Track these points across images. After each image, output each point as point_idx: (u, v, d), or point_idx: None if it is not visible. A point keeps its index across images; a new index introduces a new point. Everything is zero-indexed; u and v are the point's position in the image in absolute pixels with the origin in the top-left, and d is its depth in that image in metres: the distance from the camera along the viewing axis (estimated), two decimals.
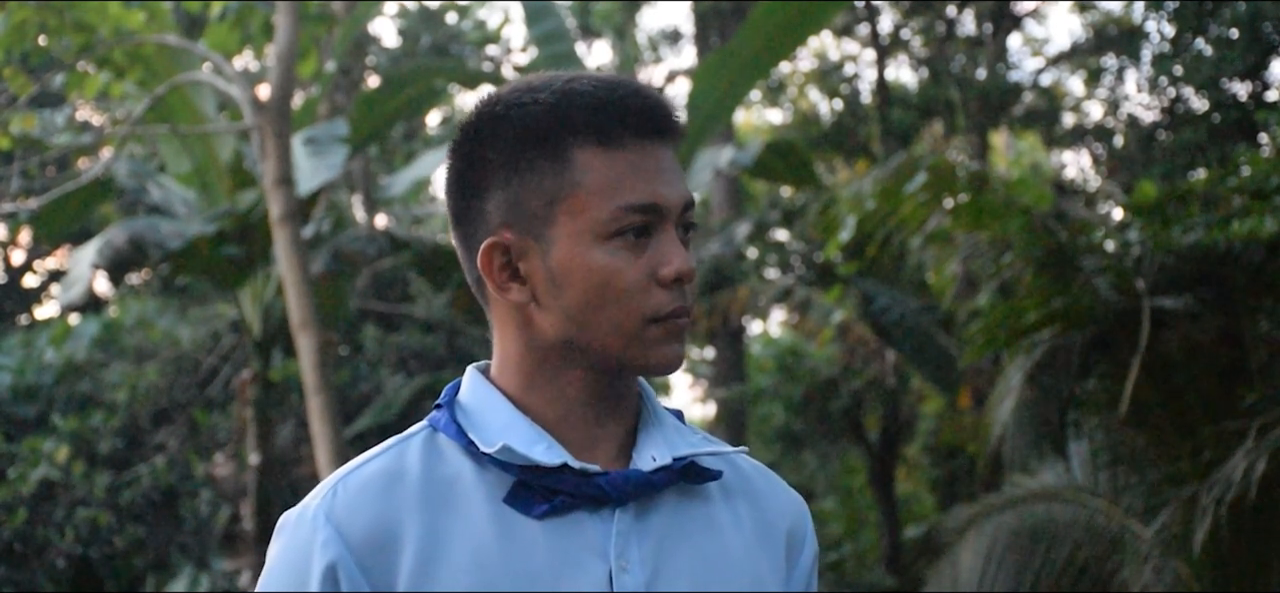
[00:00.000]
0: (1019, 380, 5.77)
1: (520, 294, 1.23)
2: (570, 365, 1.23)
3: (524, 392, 1.24)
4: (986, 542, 5.91)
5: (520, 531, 1.18)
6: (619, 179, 1.20)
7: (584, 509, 1.20)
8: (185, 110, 8.33)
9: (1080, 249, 5.54)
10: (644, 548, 1.20)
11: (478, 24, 15.47)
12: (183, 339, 11.38)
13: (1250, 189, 5.16)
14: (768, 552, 1.29)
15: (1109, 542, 5.58)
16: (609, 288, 1.19)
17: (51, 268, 14.70)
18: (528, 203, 1.21)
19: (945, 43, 13.66)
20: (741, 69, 8.76)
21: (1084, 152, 14.76)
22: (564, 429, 1.23)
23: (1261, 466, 4.59)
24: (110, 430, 10.41)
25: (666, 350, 1.22)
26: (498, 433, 1.21)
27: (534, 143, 1.21)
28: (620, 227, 1.19)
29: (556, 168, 1.21)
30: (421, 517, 1.18)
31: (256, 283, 8.76)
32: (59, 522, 9.94)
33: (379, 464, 1.22)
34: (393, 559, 1.17)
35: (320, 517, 1.19)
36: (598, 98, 1.22)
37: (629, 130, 1.22)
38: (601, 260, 1.19)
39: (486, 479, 1.21)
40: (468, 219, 1.26)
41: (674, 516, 1.23)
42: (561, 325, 1.21)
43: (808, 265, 11.56)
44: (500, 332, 1.27)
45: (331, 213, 10.01)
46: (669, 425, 1.28)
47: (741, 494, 1.30)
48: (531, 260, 1.22)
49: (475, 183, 1.25)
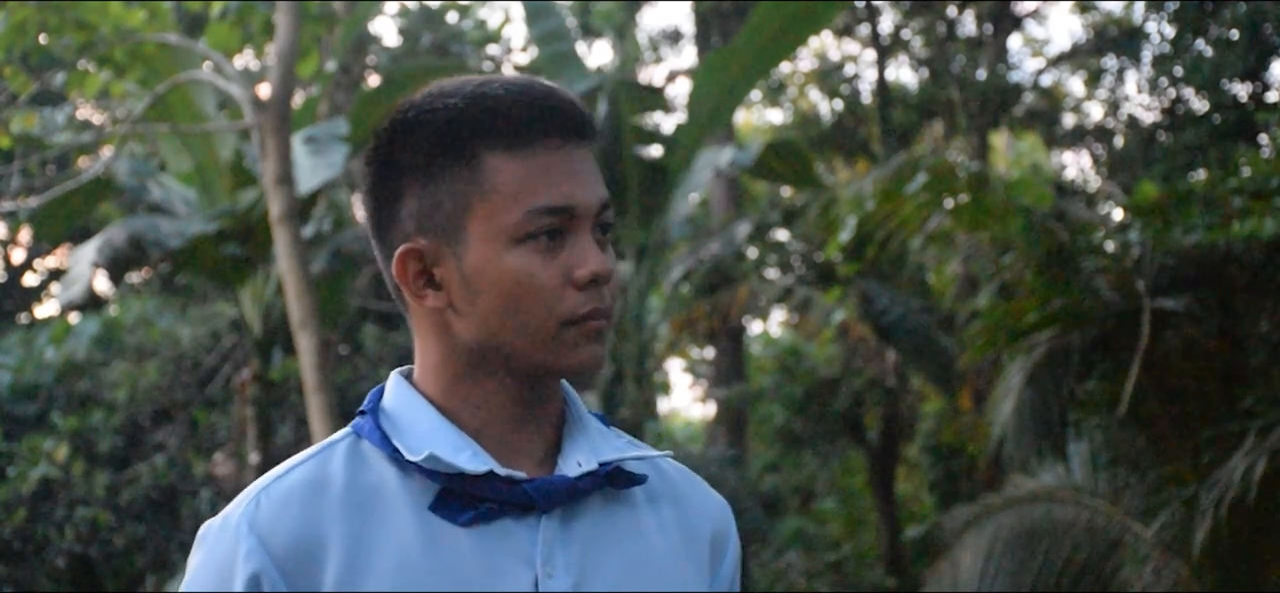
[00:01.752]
0: (1019, 381, 5.77)
1: (436, 300, 1.22)
2: (490, 371, 1.22)
3: (447, 398, 1.24)
4: (986, 542, 5.91)
5: (446, 538, 1.18)
6: (530, 182, 1.19)
7: (510, 516, 1.19)
8: (185, 109, 8.33)
9: (1080, 250, 5.54)
10: (569, 554, 1.20)
11: (478, 23, 15.46)
12: (183, 338, 11.38)
13: (1250, 190, 5.16)
14: (692, 556, 1.29)
15: (1109, 542, 5.59)
16: (523, 292, 1.19)
17: (51, 267, 14.70)
18: (440, 209, 1.21)
19: (945, 43, 13.67)
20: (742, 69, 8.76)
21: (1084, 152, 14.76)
22: (488, 435, 1.23)
23: (1261, 466, 4.59)
24: (110, 430, 10.42)
25: (584, 353, 1.21)
26: (422, 440, 1.20)
27: (445, 148, 1.21)
28: (532, 229, 1.19)
29: (467, 173, 1.20)
30: (345, 526, 1.17)
31: (256, 282, 8.76)
32: (59, 521, 9.94)
33: (302, 473, 1.21)
34: (316, 570, 1.16)
35: (243, 526, 1.17)
36: (507, 101, 1.21)
37: (540, 133, 1.21)
38: (514, 264, 1.19)
39: (411, 487, 1.20)
40: (383, 227, 1.25)
41: (599, 521, 1.23)
42: (478, 331, 1.21)
43: (808, 265, 11.56)
44: (421, 339, 1.26)
45: (331, 212, 10.01)
46: (593, 430, 1.28)
47: (666, 499, 1.30)
48: (446, 266, 1.21)
49: (389, 190, 1.24)
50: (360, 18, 9.20)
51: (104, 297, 12.94)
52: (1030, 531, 5.83)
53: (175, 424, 10.77)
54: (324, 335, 6.53)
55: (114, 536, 10.07)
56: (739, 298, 10.34)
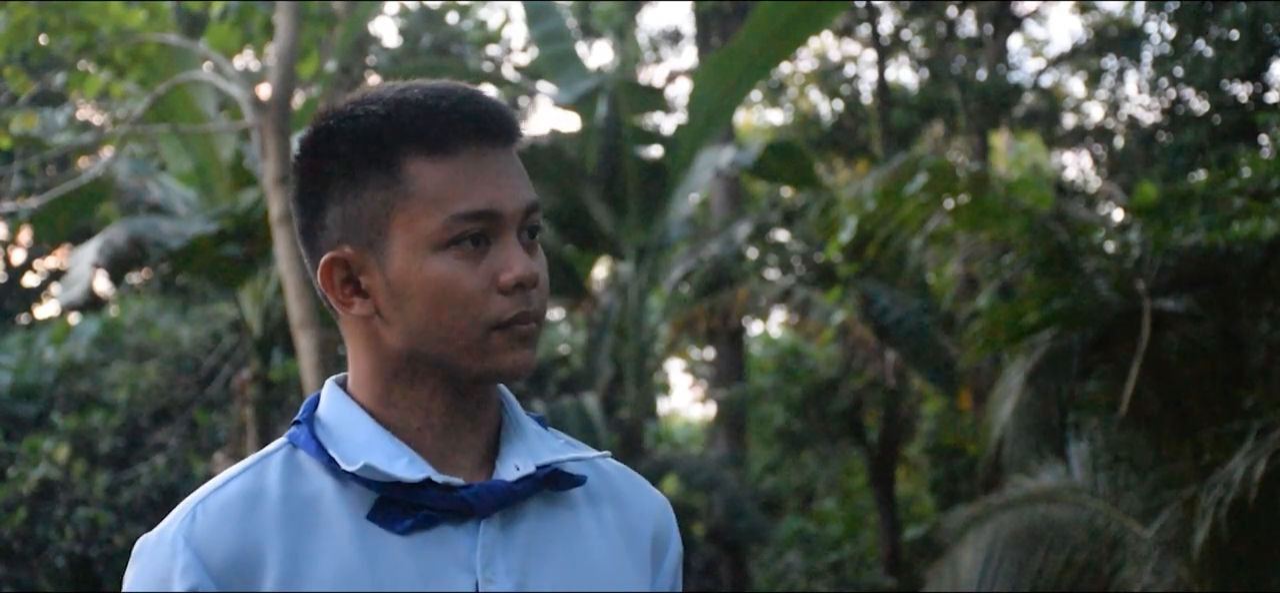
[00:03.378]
0: (1019, 381, 5.77)
1: (363, 308, 1.22)
2: (421, 377, 1.22)
3: (381, 405, 1.23)
4: (986, 543, 5.91)
5: (384, 547, 1.17)
6: (451, 187, 1.19)
7: (448, 523, 1.19)
8: (186, 110, 8.33)
9: (1081, 250, 5.54)
10: (510, 559, 1.20)
11: (479, 24, 15.47)
12: (183, 339, 11.38)
13: (1251, 191, 5.16)
14: (633, 555, 1.28)
15: (1109, 543, 5.58)
16: (447, 297, 1.18)
17: (51, 267, 14.70)
18: (363, 216, 1.20)
19: (946, 43, 13.67)
20: (742, 69, 8.77)
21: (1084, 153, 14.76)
22: (424, 442, 1.22)
23: (1261, 467, 4.59)
24: (110, 430, 10.42)
25: (513, 357, 1.20)
26: (359, 450, 1.19)
27: (366, 155, 1.20)
28: (454, 235, 1.18)
29: (388, 179, 1.19)
30: (282, 538, 1.16)
31: (256, 282, 8.76)
32: (59, 521, 9.94)
33: (238, 485, 1.20)
34: (254, 583, 1.15)
35: (179, 541, 1.16)
36: (427, 105, 1.20)
37: (460, 137, 1.20)
38: (438, 270, 1.18)
39: (348, 496, 1.19)
40: (310, 235, 1.24)
41: (539, 524, 1.23)
42: (406, 338, 1.20)
43: (808, 266, 11.56)
44: (352, 346, 1.25)
45: None
46: (531, 433, 1.28)
47: (606, 499, 1.30)
48: (371, 274, 1.20)
49: (314, 198, 1.23)
50: (360, 18, 9.20)
51: (104, 297, 12.94)
52: (1030, 531, 5.83)
53: (175, 425, 10.77)
54: (324, 336, 6.53)
55: (114, 536, 10.07)
56: (739, 298, 10.34)
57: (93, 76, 7.33)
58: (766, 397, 12.54)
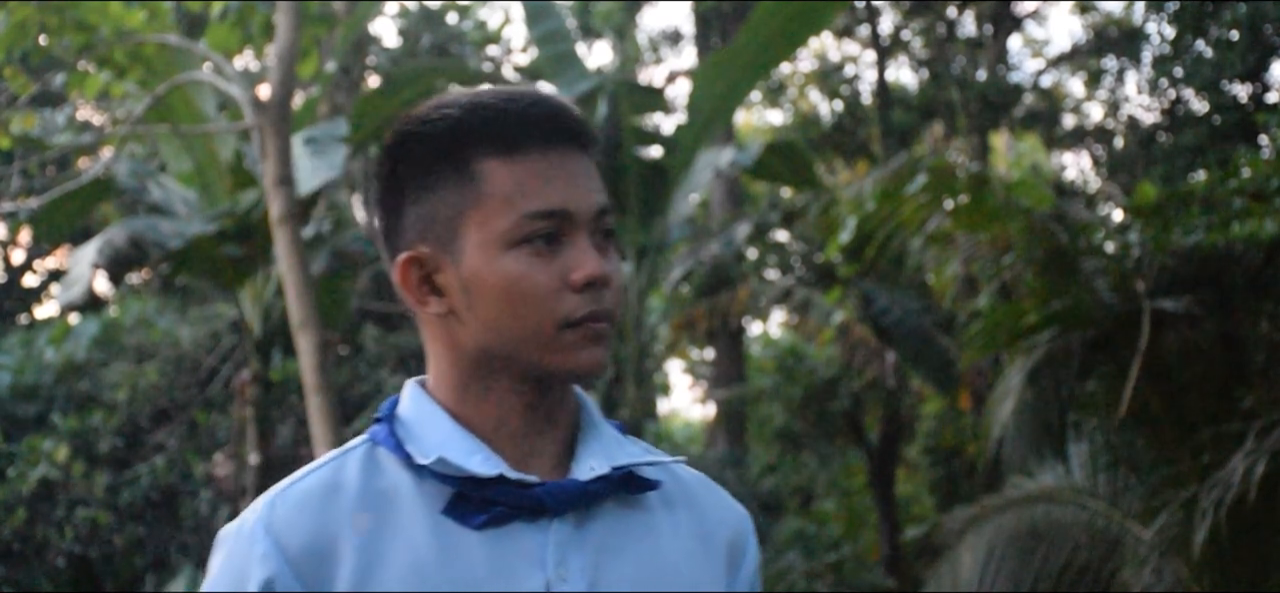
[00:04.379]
0: (1019, 382, 5.77)
1: (439, 307, 1.24)
2: (496, 376, 1.24)
3: (458, 403, 1.25)
4: (986, 543, 5.91)
5: (459, 542, 1.19)
6: (523, 187, 1.21)
7: (522, 520, 1.20)
8: (185, 110, 8.33)
9: (1080, 251, 5.54)
10: (583, 557, 1.21)
11: (478, 24, 15.47)
12: (183, 339, 11.38)
13: (1250, 191, 5.16)
14: (708, 559, 1.29)
15: (1109, 543, 5.58)
16: (519, 295, 1.20)
17: (51, 268, 14.70)
18: (438, 216, 1.23)
19: (946, 44, 13.67)
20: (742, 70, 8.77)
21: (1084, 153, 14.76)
22: (500, 440, 1.24)
23: (1261, 467, 4.59)
24: (110, 430, 10.42)
25: (584, 355, 1.22)
26: (435, 445, 1.22)
27: (441, 157, 1.24)
28: (526, 234, 1.21)
29: (462, 180, 1.22)
30: (359, 530, 1.19)
31: (256, 283, 8.76)
32: (58, 521, 9.94)
33: (317, 478, 1.23)
34: (330, 572, 1.17)
35: (258, 530, 1.19)
36: (500, 108, 1.23)
37: (532, 138, 1.23)
38: (509, 268, 1.21)
39: (425, 491, 1.21)
40: (389, 237, 1.28)
41: (613, 525, 1.24)
42: (480, 336, 1.22)
43: (808, 266, 11.57)
44: (430, 345, 1.28)
45: (331, 213, 10.02)
46: (608, 437, 1.29)
47: (682, 504, 1.31)
48: (446, 273, 1.23)
49: (392, 201, 1.27)
50: (360, 18, 9.21)
51: (104, 297, 12.95)
52: (1030, 532, 5.83)
53: (175, 425, 10.77)
54: (324, 336, 6.53)
55: (114, 536, 10.07)
56: (739, 299, 10.34)
57: (93, 77, 7.33)
58: (766, 397, 12.54)
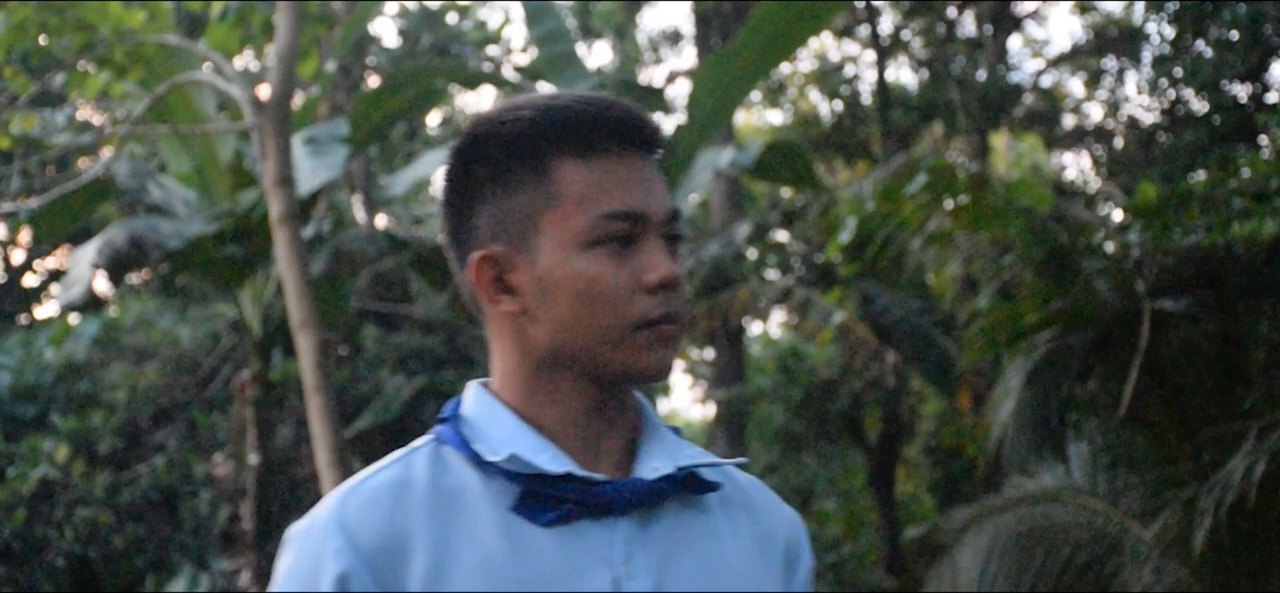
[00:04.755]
0: (1019, 382, 5.77)
1: (511, 305, 1.26)
2: (565, 374, 1.25)
3: (525, 403, 1.27)
4: (986, 543, 5.91)
5: (528, 539, 1.20)
6: (599, 188, 1.23)
7: (589, 518, 1.22)
8: (185, 110, 8.33)
9: (1080, 251, 5.54)
10: (648, 556, 1.22)
11: (478, 24, 15.47)
12: (183, 339, 11.38)
13: (1250, 191, 5.16)
14: (766, 561, 1.31)
15: (1109, 543, 5.58)
16: (594, 294, 1.22)
17: (51, 268, 14.70)
18: (513, 215, 1.25)
19: (945, 44, 13.67)
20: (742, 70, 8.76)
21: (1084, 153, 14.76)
22: (566, 439, 1.25)
23: (1261, 467, 4.59)
24: (110, 430, 10.42)
25: (655, 356, 1.24)
26: (503, 443, 1.23)
27: (517, 157, 1.25)
28: (602, 234, 1.22)
29: (538, 180, 1.24)
30: (431, 526, 1.20)
31: (256, 283, 8.76)
32: (58, 521, 9.95)
33: (386, 475, 1.24)
34: (403, 567, 1.18)
35: (331, 526, 1.20)
36: (577, 111, 1.25)
37: (608, 141, 1.25)
38: (585, 268, 1.22)
39: (493, 489, 1.22)
40: (460, 236, 1.29)
41: (676, 525, 1.26)
42: (552, 334, 1.24)
43: (808, 266, 11.56)
44: (497, 344, 1.29)
45: (331, 213, 10.02)
46: (667, 438, 1.30)
47: (739, 506, 1.33)
48: (520, 272, 1.25)
49: (465, 200, 1.28)
50: (360, 19, 9.20)
51: (104, 297, 12.94)
52: (1030, 532, 5.83)
53: (175, 425, 10.77)
54: (324, 336, 6.53)
55: (114, 536, 10.07)
56: (739, 299, 10.34)
57: (93, 77, 7.32)
58: (766, 397, 12.54)
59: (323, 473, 6.43)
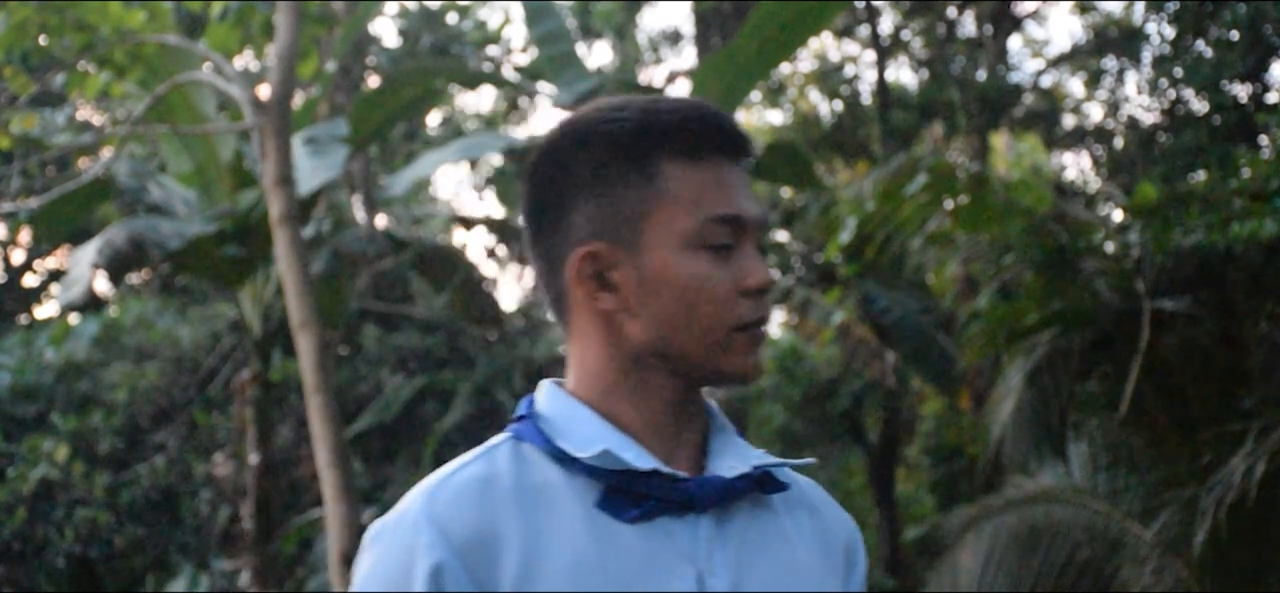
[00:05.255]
0: (1019, 382, 5.77)
1: (610, 302, 1.27)
2: (656, 373, 1.27)
3: (605, 400, 1.28)
4: (986, 543, 5.91)
5: (614, 535, 1.21)
6: (705, 192, 1.26)
7: (669, 515, 1.23)
8: (185, 110, 8.33)
9: (1080, 251, 5.54)
10: (726, 554, 1.24)
11: (478, 24, 15.47)
12: (183, 339, 11.38)
13: (1250, 191, 5.16)
14: (829, 564, 1.34)
15: (1109, 543, 5.58)
16: (700, 295, 1.24)
17: (51, 268, 14.70)
18: (618, 214, 1.26)
19: (946, 44, 13.67)
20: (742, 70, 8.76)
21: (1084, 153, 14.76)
22: (648, 436, 1.27)
23: (1261, 467, 4.59)
24: (110, 430, 10.42)
25: (748, 359, 1.27)
26: (589, 440, 1.24)
27: (623, 157, 1.27)
28: (708, 237, 1.25)
29: (645, 181, 1.26)
30: (520, 521, 1.21)
31: (256, 283, 8.76)
32: (58, 521, 9.95)
33: (472, 471, 1.25)
34: (495, 561, 1.19)
35: (421, 520, 1.21)
36: (682, 116, 1.27)
37: (710, 147, 1.28)
38: (692, 268, 1.24)
39: (576, 486, 1.24)
40: (552, 233, 1.30)
41: (749, 524, 1.28)
42: (650, 332, 1.26)
43: (808, 266, 11.56)
44: (583, 341, 1.30)
45: (331, 213, 10.02)
46: (736, 438, 1.33)
47: (802, 507, 1.35)
48: (622, 269, 1.26)
49: (560, 198, 1.29)
50: (360, 19, 9.20)
51: (104, 298, 12.95)
52: (1030, 531, 5.83)
53: (175, 425, 10.77)
54: (324, 336, 6.53)
55: (114, 536, 10.07)
56: None
57: (93, 77, 7.33)
58: (766, 397, 12.54)
59: (323, 473, 6.43)
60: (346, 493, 6.36)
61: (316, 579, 9.18)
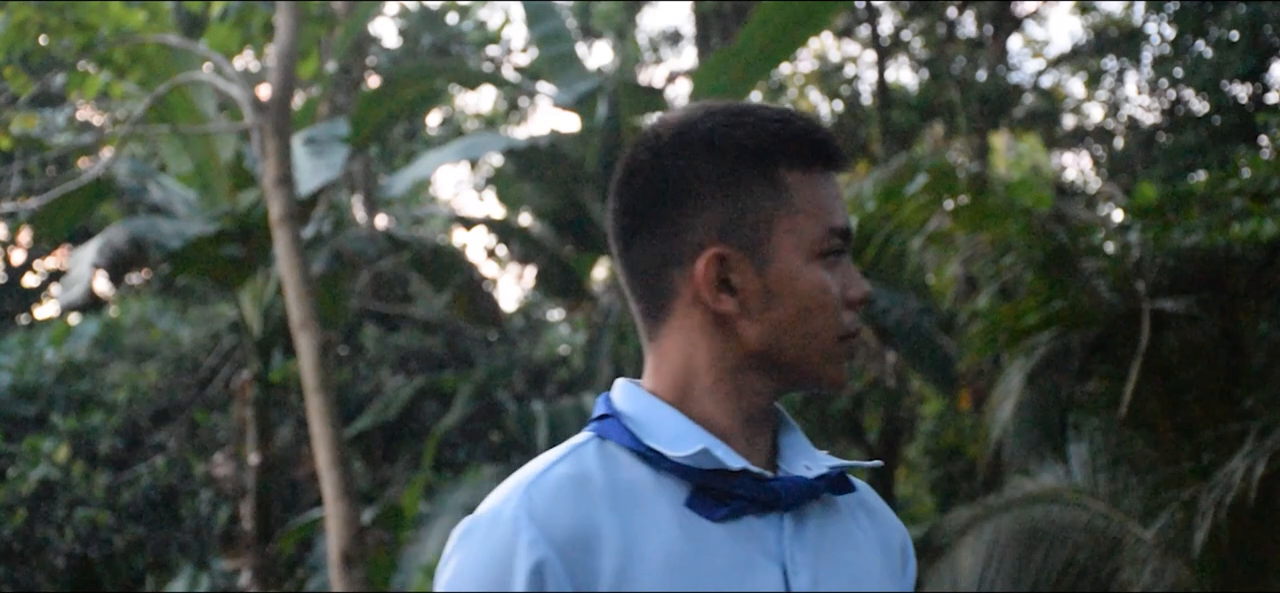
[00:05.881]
0: (1019, 382, 5.77)
1: (730, 305, 1.27)
2: (758, 376, 1.29)
3: (696, 401, 1.29)
4: (986, 544, 5.91)
5: (704, 533, 1.22)
6: (825, 203, 1.29)
7: (753, 514, 1.25)
8: (185, 110, 8.33)
9: (1080, 251, 5.54)
10: (804, 554, 1.26)
11: (478, 24, 15.47)
12: (183, 339, 11.38)
13: (1250, 191, 5.16)
14: (888, 566, 1.36)
15: (1109, 544, 5.58)
16: (820, 304, 1.27)
17: (51, 268, 14.70)
18: (746, 219, 1.27)
19: (946, 44, 13.67)
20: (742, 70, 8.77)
21: (1084, 153, 14.76)
22: (732, 437, 1.28)
23: (1261, 468, 4.59)
24: (110, 431, 10.42)
25: (843, 369, 1.31)
26: (679, 439, 1.25)
27: (750, 164, 1.28)
28: (827, 248, 1.28)
29: (770, 189, 1.28)
30: (615, 520, 1.21)
31: (256, 283, 8.76)
32: (58, 522, 9.95)
33: (564, 468, 1.24)
34: (594, 560, 1.19)
35: (521, 517, 1.19)
36: (801, 128, 1.30)
37: (822, 159, 1.31)
38: (816, 277, 1.27)
39: (665, 485, 1.24)
40: (666, 232, 1.29)
41: (822, 525, 1.30)
42: (765, 337, 1.27)
43: None
44: (684, 341, 1.30)
45: (331, 213, 10.02)
46: (803, 438, 1.35)
47: (861, 510, 1.37)
48: (744, 274, 1.27)
49: (679, 199, 1.29)
50: (360, 19, 9.21)
51: (104, 298, 12.94)
52: (1030, 532, 5.83)
53: (175, 425, 10.77)
54: (324, 336, 6.53)
55: (114, 536, 10.07)
56: None
57: (93, 77, 7.33)
58: None
59: (323, 473, 6.43)
60: (346, 493, 6.37)
61: (316, 579, 9.18)
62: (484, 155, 13.12)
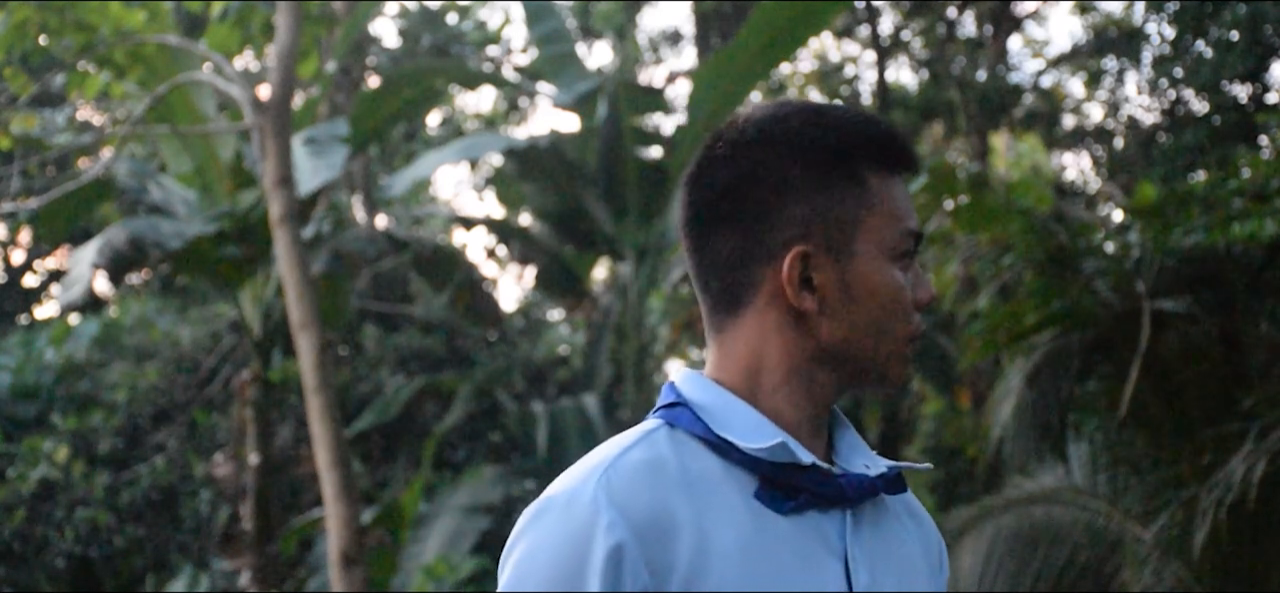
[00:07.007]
0: (1019, 382, 5.77)
1: (811, 302, 1.28)
2: (829, 373, 1.31)
3: (765, 394, 1.30)
4: (986, 544, 5.91)
5: (772, 524, 1.23)
6: (902, 205, 1.31)
7: (816, 508, 1.26)
8: (185, 110, 8.34)
9: (1080, 251, 5.54)
10: (862, 550, 1.28)
11: (478, 25, 15.47)
12: (183, 339, 11.38)
13: (1250, 192, 5.16)
14: (930, 567, 1.38)
15: (1109, 544, 5.58)
16: (896, 304, 1.29)
17: (51, 268, 14.70)
18: (831, 218, 1.28)
19: (946, 44, 13.67)
20: (742, 70, 8.77)
21: (1084, 153, 14.77)
22: (799, 432, 1.29)
23: (1261, 468, 4.59)
24: (110, 430, 10.42)
25: (907, 369, 1.33)
26: (752, 431, 1.25)
27: (835, 164, 1.29)
28: (903, 249, 1.30)
29: (855, 189, 1.29)
30: (690, 505, 1.21)
31: (256, 283, 8.76)
32: (58, 521, 9.95)
33: (639, 453, 1.24)
34: (671, 546, 1.18)
35: (601, 499, 1.18)
36: (882, 129, 1.32)
37: (901, 163, 1.33)
38: (894, 278, 1.29)
39: (734, 476, 1.25)
40: (749, 227, 1.30)
41: (876, 523, 1.31)
42: (843, 334, 1.29)
43: None
44: (754, 334, 1.30)
45: (331, 213, 10.02)
46: (855, 435, 1.37)
47: (905, 511, 1.39)
48: (825, 272, 1.28)
49: (764, 195, 1.30)
50: (360, 19, 9.21)
51: (104, 298, 12.95)
52: (1030, 532, 5.83)
53: (175, 425, 10.77)
54: (324, 337, 6.53)
55: (114, 536, 10.07)
56: None
57: (93, 77, 7.33)
58: None
59: (323, 473, 6.43)
60: (346, 493, 6.37)
61: (316, 579, 9.18)
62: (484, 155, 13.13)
